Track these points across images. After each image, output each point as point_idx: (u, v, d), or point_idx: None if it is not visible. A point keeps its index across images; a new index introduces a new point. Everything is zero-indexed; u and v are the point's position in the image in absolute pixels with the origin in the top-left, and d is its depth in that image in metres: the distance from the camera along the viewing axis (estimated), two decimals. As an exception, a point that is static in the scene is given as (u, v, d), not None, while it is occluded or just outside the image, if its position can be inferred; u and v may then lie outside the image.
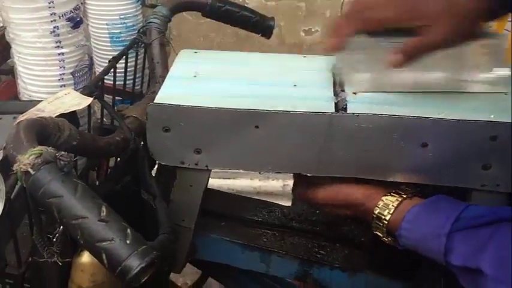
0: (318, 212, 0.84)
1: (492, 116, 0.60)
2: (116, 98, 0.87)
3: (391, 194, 0.63)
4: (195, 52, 0.77)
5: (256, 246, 0.78)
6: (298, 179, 0.71)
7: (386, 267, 0.79)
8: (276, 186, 1.75)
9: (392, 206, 0.62)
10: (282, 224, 0.83)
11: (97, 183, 0.78)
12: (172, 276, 0.89)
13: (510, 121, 0.59)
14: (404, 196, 0.63)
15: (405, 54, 0.59)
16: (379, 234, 0.65)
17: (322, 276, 0.78)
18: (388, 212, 0.62)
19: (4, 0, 0.64)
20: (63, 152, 0.48)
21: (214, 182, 1.73)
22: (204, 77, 0.70)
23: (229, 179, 1.74)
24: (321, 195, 0.68)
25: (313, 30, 1.56)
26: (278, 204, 0.88)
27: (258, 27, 0.94)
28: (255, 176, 1.77)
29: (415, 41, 0.58)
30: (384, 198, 0.63)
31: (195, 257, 0.80)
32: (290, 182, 0.74)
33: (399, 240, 0.62)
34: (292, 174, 0.71)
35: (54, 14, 0.64)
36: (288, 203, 0.92)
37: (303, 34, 1.57)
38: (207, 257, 0.80)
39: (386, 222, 0.63)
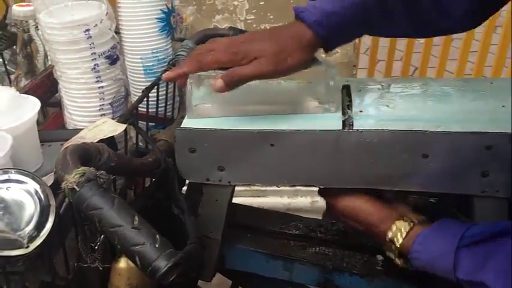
0: (337, 222, 0.90)
1: (486, 127, 0.65)
2: (150, 123, 0.97)
3: (403, 219, 0.69)
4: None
5: (279, 256, 0.85)
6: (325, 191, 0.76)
7: (403, 272, 0.83)
8: (305, 202, 1.80)
9: (404, 230, 0.68)
10: (303, 234, 0.89)
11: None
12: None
13: (503, 131, 0.64)
14: (415, 221, 0.68)
15: (224, 79, 0.67)
16: (391, 256, 0.71)
17: (342, 282, 0.84)
18: (401, 236, 0.68)
19: (52, 43, 0.74)
20: (102, 171, 0.56)
21: (245, 200, 1.81)
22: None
23: (259, 197, 1.80)
24: (343, 210, 0.74)
25: (333, 51, 1.63)
26: (300, 216, 0.94)
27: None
28: (284, 193, 1.83)
29: (234, 69, 0.67)
30: (396, 222, 0.69)
31: (223, 267, 0.87)
32: (318, 198, 0.80)
33: (412, 261, 0.68)
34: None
35: (95, 53, 0.74)
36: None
37: (324, 55, 1.63)
38: (234, 266, 0.87)
39: (398, 246, 0.68)
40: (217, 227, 0.78)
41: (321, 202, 1.09)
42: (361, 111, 0.72)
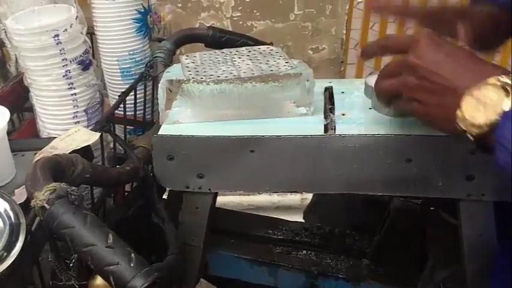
0: (321, 226, 0.89)
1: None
2: (129, 127, 0.94)
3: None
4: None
5: (263, 261, 0.83)
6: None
7: (389, 275, 0.82)
8: (295, 200, 1.79)
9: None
10: (288, 239, 0.88)
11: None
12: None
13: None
14: None
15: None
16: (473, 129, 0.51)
17: (328, 287, 0.82)
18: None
19: (21, 50, 0.71)
20: (74, 188, 0.54)
21: (235, 199, 1.79)
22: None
23: (248, 195, 1.79)
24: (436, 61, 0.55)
25: (320, 48, 1.61)
26: (284, 220, 0.92)
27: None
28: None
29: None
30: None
31: (207, 273, 0.85)
32: (308, 196, 0.76)
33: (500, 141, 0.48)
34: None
35: (66, 59, 0.71)
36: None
37: (311, 52, 1.62)
38: (218, 272, 0.85)
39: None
40: (198, 235, 0.76)
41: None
42: (343, 114, 0.70)
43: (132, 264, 0.50)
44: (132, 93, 0.88)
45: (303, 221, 1.07)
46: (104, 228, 0.52)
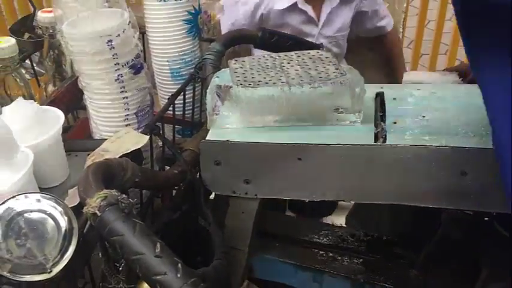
0: (368, 232, 0.87)
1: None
2: (178, 126, 0.95)
3: None
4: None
5: (308, 267, 0.82)
6: None
7: (439, 287, 0.80)
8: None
9: None
10: (334, 244, 0.86)
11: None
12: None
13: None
14: None
15: None
16: None
17: (373, 296, 0.81)
18: None
19: (76, 54, 0.73)
20: (124, 196, 0.55)
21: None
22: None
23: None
24: None
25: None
26: (331, 224, 0.91)
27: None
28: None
29: None
30: None
31: (251, 276, 0.85)
32: None
33: None
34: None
35: (118, 63, 0.72)
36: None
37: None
38: (263, 276, 0.85)
39: None
40: (244, 239, 0.76)
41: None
42: (394, 123, 0.68)
43: (179, 275, 0.50)
44: (182, 93, 0.89)
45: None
46: (152, 237, 0.53)
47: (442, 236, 0.80)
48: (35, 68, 1.03)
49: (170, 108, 0.85)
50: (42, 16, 0.89)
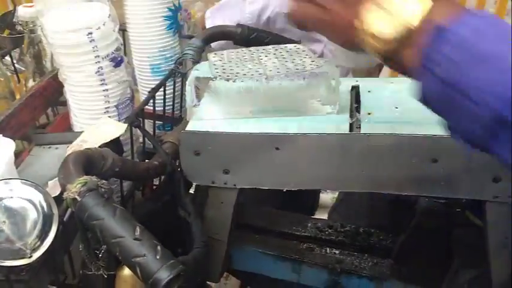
0: (346, 224, 0.89)
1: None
2: (159, 122, 0.96)
3: None
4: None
5: (287, 257, 0.84)
6: None
7: (413, 276, 0.82)
8: (325, 198, 1.77)
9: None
10: (313, 236, 0.88)
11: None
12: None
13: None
14: None
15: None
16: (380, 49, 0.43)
17: (350, 285, 0.83)
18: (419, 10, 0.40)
19: (56, 47, 0.74)
20: (104, 181, 0.56)
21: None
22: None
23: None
24: None
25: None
26: (310, 217, 0.93)
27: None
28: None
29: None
30: None
31: (231, 267, 0.86)
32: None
33: (426, 66, 0.39)
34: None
35: (98, 56, 0.73)
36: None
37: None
38: (242, 267, 0.87)
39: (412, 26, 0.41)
40: (223, 229, 0.77)
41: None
42: (369, 114, 0.70)
43: (158, 257, 0.52)
44: (162, 89, 0.90)
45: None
46: (132, 221, 0.54)
47: (416, 226, 0.83)
48: (15, 64, 1.03)
49: (151, 104, 0.86)
50: (23, 11, 0.90)
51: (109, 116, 0.79)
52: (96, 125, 0.69)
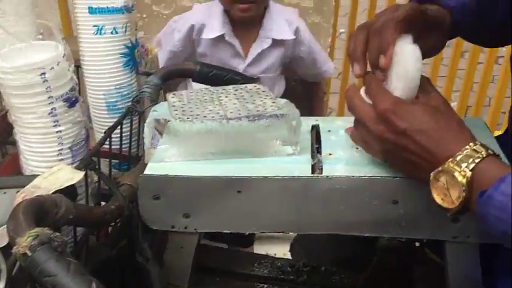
0: (308, 263, 0.88)
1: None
2: (115, 160, 0.93)
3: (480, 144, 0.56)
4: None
5: (249, 300, 0.82)
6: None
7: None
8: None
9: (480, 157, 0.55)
10: (274, 276, 0.87)
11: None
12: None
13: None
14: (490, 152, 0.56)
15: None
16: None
17: (314, 326, 0.82)
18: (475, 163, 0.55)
19: (6, 88, 0.70)
20: (57, 233, 0.53)
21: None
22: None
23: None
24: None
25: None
26: (271, 256, 0.91)
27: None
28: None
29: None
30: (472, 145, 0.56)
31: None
32: None
33: (481, 207, 0.54)
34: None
35: (52, 97, 0.70)
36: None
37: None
38: (203, 312, 0.84)
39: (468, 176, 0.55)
40: (183, 275, 0.75)
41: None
42: (330, 154, 0.71)
43: (115, 314, 0.49)
44: (118, 127, 0.88)
45: (289, 252, 1.06)
46: (87, 276, 0.51)
47: (377, 262, 0.83)
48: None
49: (106, 142, 0.83)
50: (-29, 48, 0.85)
51: (62, 159, 0.75)
52: (51, 170, 0.65)
